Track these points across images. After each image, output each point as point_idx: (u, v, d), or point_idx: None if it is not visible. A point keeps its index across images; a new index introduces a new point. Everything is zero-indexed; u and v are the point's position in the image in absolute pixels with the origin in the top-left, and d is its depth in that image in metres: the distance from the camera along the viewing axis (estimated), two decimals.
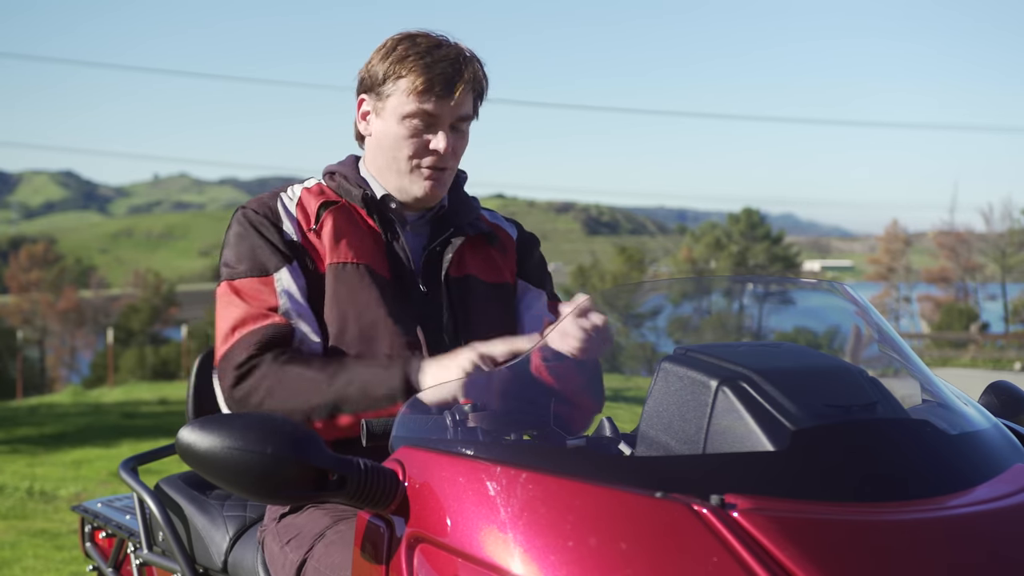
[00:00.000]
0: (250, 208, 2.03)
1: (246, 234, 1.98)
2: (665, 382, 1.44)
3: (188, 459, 1.40)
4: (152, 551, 2.34)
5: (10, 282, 55.82)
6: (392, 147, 2.01)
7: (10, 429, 12.72)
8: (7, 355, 37.61)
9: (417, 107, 1.96)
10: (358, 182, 2.06)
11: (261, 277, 1.95)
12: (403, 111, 1.97)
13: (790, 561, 1.16)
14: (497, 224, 2.24)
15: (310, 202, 2.04)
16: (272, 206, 2.02)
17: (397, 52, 1.98)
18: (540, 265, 2.26)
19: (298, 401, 1.84)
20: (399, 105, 1.97)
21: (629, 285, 2.10)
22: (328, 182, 2.10)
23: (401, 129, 1.99)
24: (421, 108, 1.96)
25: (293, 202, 2.04)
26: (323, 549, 1.81)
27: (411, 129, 1.98)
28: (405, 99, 1.96)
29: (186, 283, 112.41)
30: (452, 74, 1.96)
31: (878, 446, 1.36)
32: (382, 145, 2.03)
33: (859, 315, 1.71)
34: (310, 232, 2.00)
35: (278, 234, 1.98)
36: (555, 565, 1.20)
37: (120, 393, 21.16)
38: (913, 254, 58.65)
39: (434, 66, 1.95)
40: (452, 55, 1.98)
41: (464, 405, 1.57)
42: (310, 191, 2.07)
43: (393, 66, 1.97)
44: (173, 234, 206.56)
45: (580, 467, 1.32)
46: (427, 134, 2.00)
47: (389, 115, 2.00)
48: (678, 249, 59.16)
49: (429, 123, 1.98)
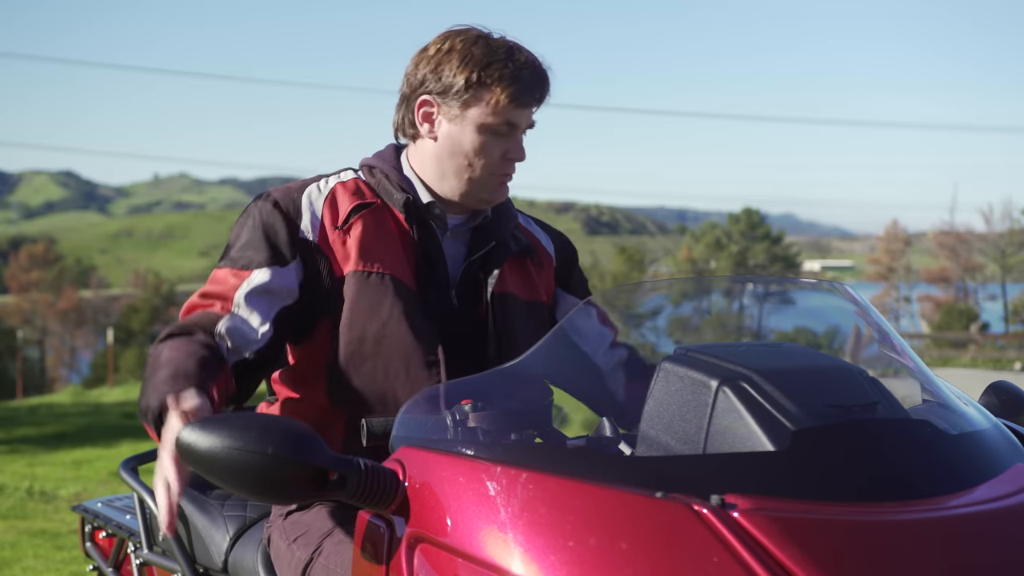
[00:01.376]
0: (271, 199, 1.95)
1: (252, 228, 1.92)
2: (665, 382, 1.44)
3: (188, 459, 1.40)
4: (152, 551, 2.34)
5: (10, 282, 55.83)
6: (467, 154, 1.94)
7: (10, 429, 12.73)
8: (7, 355, 37.60)
9: (504, 119, 1.91)
10: (400, 183, 1.99)
11: (239, 270, 1.89)
12: (487, 120, 1.91)
13: (790, 561, 1.16)
14: (533, 234, 2.17)
15: (343, 200, 1.96)
16: (296, 200, 1.95)
17: (475, 57, 1.90)
18: (581, 276, 2.22)
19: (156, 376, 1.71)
20: (483, 114, 1.91)
21: (629, 285, 2.09)
22: (367, 177, 2.02)
23: (482, 137, 1.93)
24: (507, 120, 1.92)
25: (322, 197, 1.96)
26: (331, 547, 1.79)
27: (492, 137, 1.93)
28: (491, 109, 1.90)
29: (186, 283, 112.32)
30: (536, 86, 1.93)
31: (878, 446, 1.36)
32: (452, 151, 1.95)
33: (859, 315, 1.71)
34: (335, 231, 1.93)
35: (289, 232, 1.91)
36: (555, 565, 1.20)
37: (120, 393, 21.16)
38: (913, 254, 58.65)
39: (520, 75, 1.90)
40: (532, 62, 1.94)
41: (464, 405, 1.57)
42: (345, 186, 1.99)
43: (478, 72, 1.89)
44: (173, 234, 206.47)
45: (580, 467, 1.32)
46: (505, 142, 1.95)
47: (468, 122, 1.92)
48: (678, 249, 59.19)
49: (508, 131, 1.94)
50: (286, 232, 1.91)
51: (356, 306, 1.90)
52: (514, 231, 2.08)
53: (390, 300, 1.90)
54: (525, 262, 2.08)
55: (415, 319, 1.91)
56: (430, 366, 1.89)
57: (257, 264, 1.89)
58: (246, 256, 1.90)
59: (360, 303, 1.90)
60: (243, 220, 1.95)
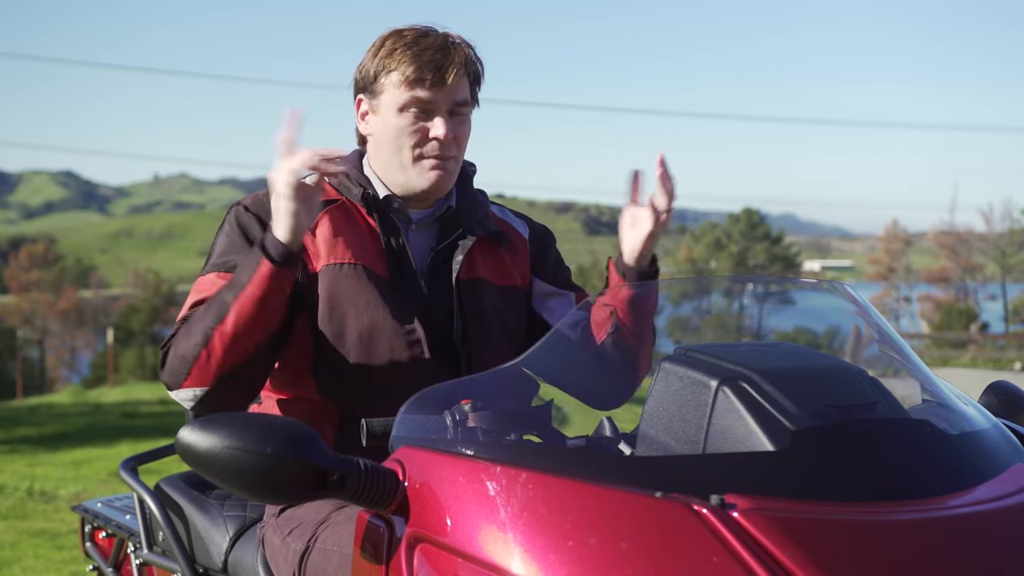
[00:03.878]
0: (243, 205, 2.01)
1: (230, 233, 1.98)
2: (665, 382, 1.44)
3: (188, 459, 1.40)
4: (152, 551, 2.34)
5: (10, 282, 55.85)
6: (392, 141, 1.99)
7: (10, 429, 12.72)
8: (7, 355, 37.62)
9: (411, 96, 1.95)
10: (359, 180, 2.04)
11: (223, 273, 1.93)
12: (398, 103, 1.96)
13: (790, 561, 1.16)
14: (506, 222, 2.20)
15: None
16: (266, 203, 1.98)
17: (385, 47, 1.98)
18: (558, 262, 2.23)
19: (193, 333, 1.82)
20: (393, 98, 1.96)
21: (629, 285, 2.09)
22: (330, 179, 2.06)
23: (399, 121, 1.97)
24: (415, 96, 1.95)
25: None
26: (327, 531, 1.81)
27: (409, 119, 1.97)
28: (398, 91, 1.96)
29: (186, 283, 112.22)
30: (441, 59, 1.95)
31: (878, 446, 1.36)
32: (382, 141, 2.01)
33: (859, 315, 1.70)
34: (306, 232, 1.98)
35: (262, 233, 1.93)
36: (555, 565, 1.20)
37: (120, 393, 21.17)
38: (913, 254, 58.65)
39: (422, 54, 1.94)
40: (439, 42, 1.97)
41: (464, 405, 1.57)
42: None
43: (383, 61, 1.97)
44: (173, 234, 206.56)
45: (580, 467, 1.32)
46: (425, 123, 1.98)
47: (385, 110, 1.99)
48: (678, 249, 59.17)
49: (426, 111, 1.97)
50: (261, 233, 1.94)
51: (333, 298, 1.94)
52: (483, 219, 2.12)
53: (366, 288, 1.94)
54: (497, 249, 2.11)
55: (392, 302, 1.95)
56: (412, 345, 1.93)
57: None
58: (229, 260, 1.94)
59: (337, 295, 1.94)
60: (220, 231, 2.02)
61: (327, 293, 1.94)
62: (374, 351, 1.93)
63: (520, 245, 2.17)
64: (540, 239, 2.22)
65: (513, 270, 2.13)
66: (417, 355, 1.93)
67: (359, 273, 1.95)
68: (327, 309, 1.93)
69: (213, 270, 1.95)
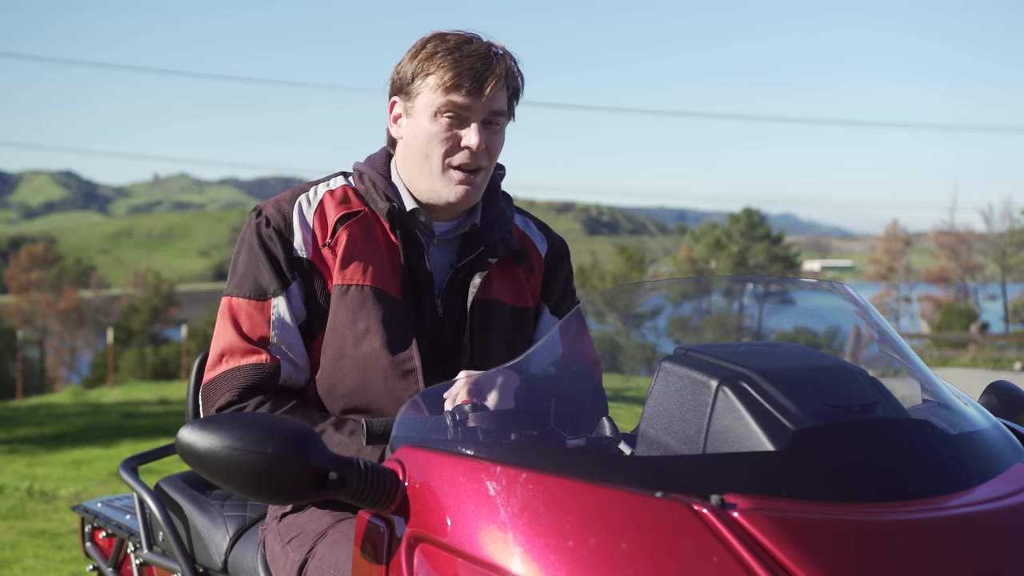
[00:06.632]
0: (265, 215, 1.96)
1: (253, 249, 1.94)
2: (665, 382, 1.44)
3: (188, 459, 1.40)
4: (152, 551, 2.34)
5: (10, 282, 55.82)
6: (423, 146, 1.94)
7: (10, 429, 12.73)
8: (7, 355, 37.62)
9: (447, 100, 1.90)
10: (386, 191, 1.99)
11: (258, 301, 1.92)
12: (433, 107, 1.91)
13: (790, 561, 1.16)
14: (528, 236, 2.16)
15: (330, 211, 1.97)
16: (287, 215, 1.96)
17: (426, 50, 1.93)
18: (567, 283, 2.19)
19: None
20: (429, 102, 1.92)
21: (629, 285, 2.09)
22: (356, 184, 2.03)
23: (432, 127, 1.92)
24: (451, 101, 1.90)
25: (312, 209, 1.97)
26: (325, 548, 1.81)
27: (442, 126, 1.92)
28: (434, 95, 1.91)
29: (186, 283, 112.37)
30: (482, 69, 1.90)
31: (878, 446, 1.36)
32: (413, 146, 1.96)
33: (859, 315, 1.70)
34: (324, 248, 1.94)
35: (285, 251, 1.93)
36: (555, 565, 1.20)
37: (120, 393, 21.18)
38: (913, 254, 58.64)
39: (463, 61, 1.90)
40: (482, 51, 1.93)
41: (464, 405, 1.57)
42: (333, 195, 2.00)
43: (422, 63, 1.92)
44: (173, 234, 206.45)
45: (580, 467, 1.32)
46: (459, 130, 1.93)
47: (419, 113, 1.94)
48: (678, 249, 59.15)
49: (460, 118, 1.92)
50: (283, 253, 1.93)
51: (334, 322, 1.92)
52: (506, 236, 2.07)
53: (368, 313, 1.91)
54: (515, 269, 2.08)
55: (393, 329, 1.91)
56: (406, 375, 1.90)
57: (273, 292, 1.92)
58: (257, 285, 1.93)
59: (337, 319, 1.92)
60: (240, 245, 1.98)
61: (331, 316, 1.92)
62: (369, 379, 1.91)
63: (537, 263, 2.14)
64: (555, 257, 2.18)
65: (527, 291, 2.09)
66: (411, 385, 1.90)
67: (365, 296, 1.91)
68: (329, 333, 1.93)
69: (243, 295, 1.93)
